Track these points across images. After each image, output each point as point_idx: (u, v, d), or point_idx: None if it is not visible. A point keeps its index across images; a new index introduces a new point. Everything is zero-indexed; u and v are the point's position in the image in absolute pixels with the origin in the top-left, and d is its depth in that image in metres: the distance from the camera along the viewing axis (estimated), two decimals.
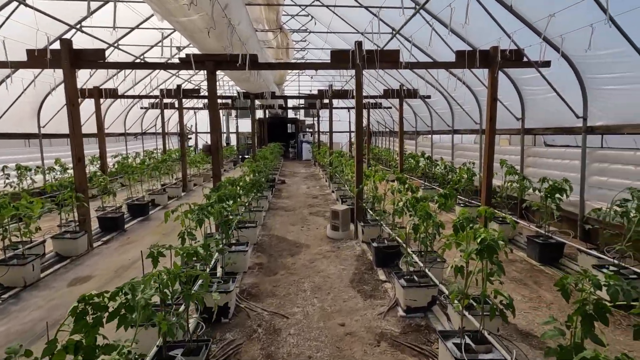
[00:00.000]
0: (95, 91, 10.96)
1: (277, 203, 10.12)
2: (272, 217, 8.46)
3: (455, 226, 3.07)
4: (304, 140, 25.72)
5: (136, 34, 10.02)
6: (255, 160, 11.28)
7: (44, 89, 10.03)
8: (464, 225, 2.97)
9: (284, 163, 22.60)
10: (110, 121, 15.12)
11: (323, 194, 11.64)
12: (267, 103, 16.26)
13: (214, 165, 6.14)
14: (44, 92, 10.18)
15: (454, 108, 11.61)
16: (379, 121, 21.15)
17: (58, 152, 11.42)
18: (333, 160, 11.41)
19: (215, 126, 6.04)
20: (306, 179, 15.09)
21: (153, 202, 9.67)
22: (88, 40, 8.49)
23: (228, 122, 25.89)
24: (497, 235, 2.66)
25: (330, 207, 8.68)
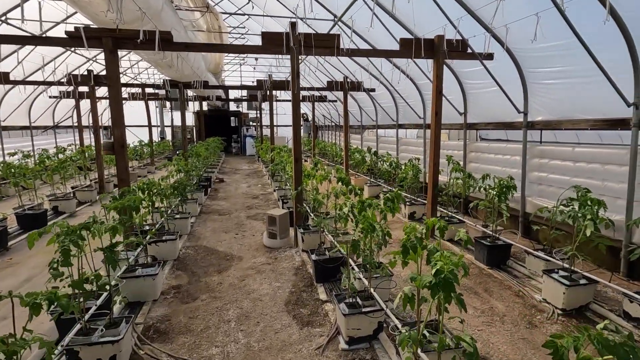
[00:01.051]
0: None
1: (210, 206, 9.05)
2: (202, 224, 7.41)
3: (405, 246, 2.45)
4: (247, 134, 24.39)
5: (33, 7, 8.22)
6: (186, 158, 10.04)
7: None
8: (415, 246, 2.36)
9: (226, 159, 21.20)
10: (7, 112, 12.72)
11: (265, 193, 10.75)
12: (202, 94, 14.84)
13: (119, 168, 4.99)
14: None
15: (398, 102, 11.35)
16: (325, 115, 20.62)
17: None
18: (275, 157, 10.55)
19: (117, 119, 4.89)
20: (248, 177, 14.05)
21: (56, 210, 8.07)
22: None
23: (162, 114, 23.67)
24: (456, 261, 2.08)
25: (268, 211, 7.87)
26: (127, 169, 5.05)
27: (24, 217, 6.82)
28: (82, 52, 11.87)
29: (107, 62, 4.81)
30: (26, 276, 4.97)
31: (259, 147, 17.08)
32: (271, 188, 11.32)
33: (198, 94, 15.19)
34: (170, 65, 7.40)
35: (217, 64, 12.68)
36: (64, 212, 8.11)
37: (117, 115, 4.92)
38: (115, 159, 4.98)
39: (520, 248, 5.12)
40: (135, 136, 22.85)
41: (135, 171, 13.67)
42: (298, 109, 5.63)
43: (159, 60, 7.04)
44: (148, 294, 4.03)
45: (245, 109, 25.83)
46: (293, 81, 5.49)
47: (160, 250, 5.22)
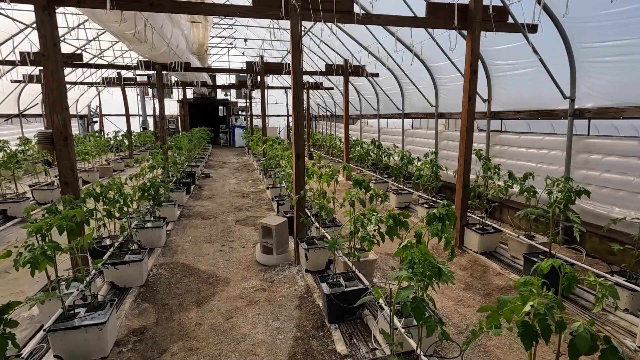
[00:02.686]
0: None
1: (193, 207, 7.78)
2: (181, 232, 6.17)
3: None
4: (237, 124, 22.95)
5: None
6: (166, 151, 8.71)
7: None
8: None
9: (213, 151, 19.79)
10: None
11: (256, 191, 9.52)
12: (185, 79, 13.38)
13: (61, 168, 3.71)
14: None
15: (405, 89, 10.17)
16: (320, 104, 19.33)
17: None
18: (267, 150, 9.31)
19: (58, 102, 3.59)
20: (237, 171, 12.76)
21: (5, 214, 6.72)
22: None
23: (144, 102, 22.04)
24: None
25: (260, 218, 6.67)
26: (74, 169, 3.78)
27: None
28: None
29: (40, 23, 3.49)
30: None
31: (249, 138, 15.75)
32: (263, 185, 10.09)
33: (181, 79, 13.74)
34: (140, 40, 6.04)
35: (201, 44, 11.25)
36: (14, 216, 6.77)
37: (57, 96, 3.62)
38: (56, 156, 3.70)
39: (588, 270, 4.04)
40: (116, 126, 21.25)
41: (110, 165, 12.25)
42: (300, 91, 4.39)
43: (126, 32, 5.67)
44: (93, 350, 2.82)
45: (234, 97, 24.31)
46: (294, 54, 4.25)
47: (121, 275, 3.99)
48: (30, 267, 2.51)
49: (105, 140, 13.43)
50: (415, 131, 10.54)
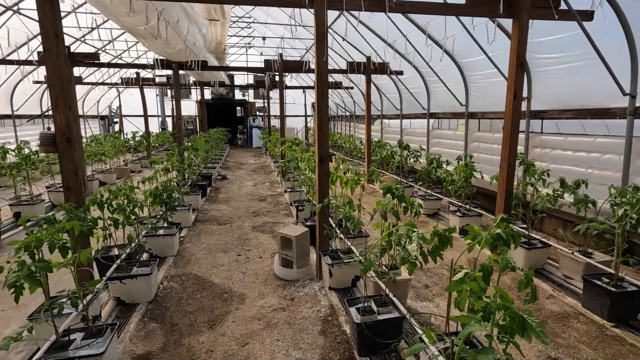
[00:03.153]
0: None
1: (209, 211, 7.45)
2: (196, 238, 5.82)
3: None
4: (254, 125, 22.74)
5: None
6: (181, 153, 8.44)
7: None
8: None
9: (231, 152, 19.61)
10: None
11: (273, 194, 9.13)
12: (203, 78, 13.17)
13: (64, 172, 3.38)
14: None
15: (431, 87, 9.59)
16: (339, 104, 18.84)
17: None
18: (285, 152, 8.91)
19: (60, 99, 3.26)
20: (254, 173, 12.44)
21: (19, 217, 6.55)
22: None
23: (163, 102, 22.13)
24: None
25: (279, 225, 6.25)
26: (78, 173, 3.45)
27: None
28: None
29: (41, 11, 3.17)
30: None
31: (267, 139, 15.43)
32: (281, 188, 9.69)
33: (198, 79, 13.54)
34: (154, 35, 5.73)
35: (218, 43, 10.98)
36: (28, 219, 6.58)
37: (60, 93, 3.29)
38: (59, 159, 3.38)
39: None
40: (135, 127, 21.38)
41: (128, 166, 12.15)
42: (324, 87, 3.94)
43: (138, 27, 5.37)
44: None
45: (252, 97, 24.12)
46: (318, 47, 3.80)
47: (128, 290, 3.64)
48: (14, 291, 2.16)
49: (123, 141, 13.37)
50: (442, 132, 9.92)
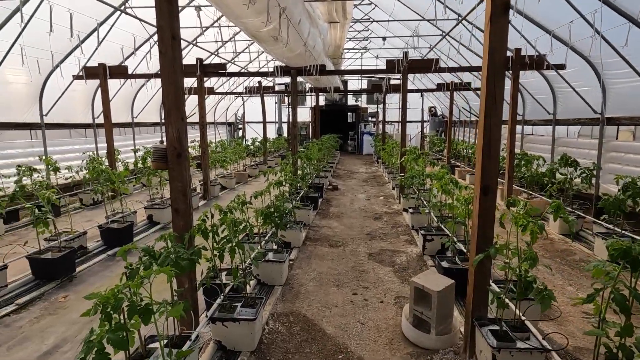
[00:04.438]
0: (101, 69, 8.62)
1: (320, 228, 6.80)
2: (306, 263, 5.16)
3: None
4: (365, 131, 22.01)
5: None
6: (294, 162, 8.06)
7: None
8: None
9: (341, 159, 19.23)
10: (139, 108, 13.07)
11: (389, 211, 8.05)
12: (319, 85, 12.92)
13: (173, 191, 2.98)
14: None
15: (608, 82, 7.15)
16: (463, 107, 16.61)
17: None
18: (406, 165, 7.73)
19: (173, 110, 2.86)
20: (366, 184, 11.55)
21: (151, 219, 7.01)
22: None
23: (280, 110, 23.23)
24: None
25: (399, 253, 5.14)
26: (187, 193, 3.01)
27: (107, 232, 5.71)
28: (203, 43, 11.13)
29: (158, 11, 2.80)
30: (58, 338, 3.42)
31: (380, 147, 14.41)
32: (398, 205, 8.53)
33: (315, 85, 13.39)
34: (275, 37, 5.30)
35: (337, 46, 10.48)
36: (158, 222, 6.99)
37: (173, 103, 2.89)
38: (169, 176, 2.99)
39: None
40: (256, 132, 22.99)
41: (246, 171, 12.67)
42: (498, 80, 2.69)
43: (260, 31, 4.99)
44: None
45: (364, 103, 23.47)
46: (493, 24, 2.59)
47: (230, 334, 3.06)
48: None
49: (244, 147, 14.08)
50: (622, 144, 7.34)
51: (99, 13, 7.61)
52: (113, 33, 8.37)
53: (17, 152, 8.76)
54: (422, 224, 6.28)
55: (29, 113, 8.86)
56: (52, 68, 8.46)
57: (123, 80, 10.98)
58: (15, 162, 8.14)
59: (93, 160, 7.72)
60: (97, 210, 7.93)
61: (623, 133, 8.00)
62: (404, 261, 5.18)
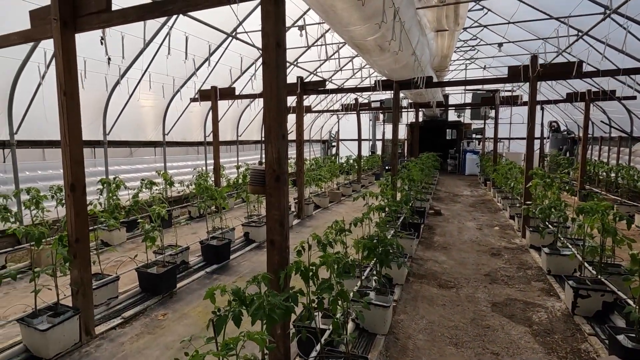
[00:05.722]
0: (213, 91, 9.29)
1: (425, 262, 5.87)
2: (411, 306, 4.34)
3: None
4: (468, 149, 19.94)
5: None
6: (394, 184, 7.31)
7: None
8: None
9: (440, 179, 17.64)
10: (221, 127, 13.78)
11: (510, 246, 6.65)
12: (422, 99, 11.98)
13: (269, 219, 2.57)
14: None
15: None
16: (601, 120, 13.69)
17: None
18: (534, 191, 6.31)
19: (275, 127, 2.47)
20: (473, 210, 10.08)
21: (247, 237, 7.00)
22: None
23: (375, 127, 22.69)
24: None
25: (534, 306, 3.94)
26: (284, 223, 2.58)
27: (207, 248, 5.77)
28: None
29: (264, 16, 2.48)
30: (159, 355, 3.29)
31: (490, 167, 12.65)
32: (522, 240, 7.03)
33: (415, 100, 12.49)
34: (381, 46, 4.76)
35: (444, 56, 9.51)
36: (254, 240, 6.95)
37: (274, 119, 2.52)
38: (266, 202, 2.60)
39: None
40: (349, 150, 22.85)
41: (339, 190, 12.31)
42: None
43: (366, 39, 4.50)
44: None
45: (467, 118, 21.43)
46: None
47: None
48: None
49: (338, 165, 13.82)
50: None
51: (211, 35, 8.02)
52: (223, 56, 8.95)
53: (144, 167, 9.91)
54: (564, 270, 4.89)
55: (155, 132, 10.01)
56: (174, 93, 9.43)
57: (231, 102, 11.81)
58: (142, 175, 9.18)
59: (200, 176, 8.16)
60: (202, 223, 8.36)
61: None
62: (544, 320, 3.96)
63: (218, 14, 6.70)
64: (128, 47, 6.47)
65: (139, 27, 5.68)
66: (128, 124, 9.02)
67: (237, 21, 7.29)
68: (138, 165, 9.74)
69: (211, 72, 9.22)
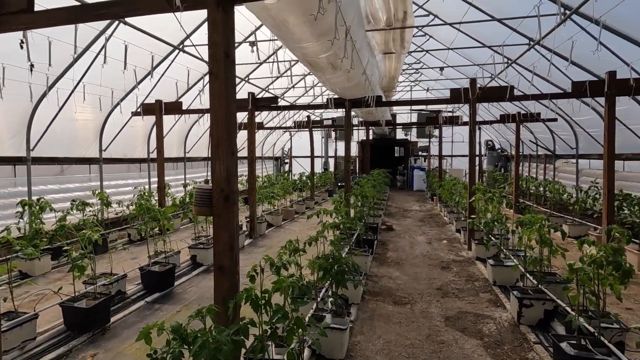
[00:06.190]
0: (157, 105, 8.76)
1: (379, 279, 5.86)
2: (368, 326, 4.24)
3: None
4: (415, 166, 20.93)
5: None
6: (347, 201, 7.33)
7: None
8: None
9: (391, 195, 18.20)
10: (167, 143, 13.06)
11: (458, 259, 6.91)
12: (371, 117, 12.38)
13: (216, 243, 2.35)
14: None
15: None
16: (530, 139, 15.10)
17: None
18: (476, 205, 6.67)
19: (223, 142, 2.29)
20: (423, 224, 10.44)
21: (194, 260, 6.52)
22: None
23: (327, 144, 22.99)
24: None
25: (484, 318, 4.06)
26: (234, 247, 2.37)
27: (148, 275, 5.25)
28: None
29: (211, 24, 2.32)
30: None
31: (436, 183, 13.30)
32: (468, 252, 7.35)
33: (366, 119, 12.88)
34: (334, 64, 4.80)
35: (392, 77, 9.94)
36: (201, 263, 6.49)
37: (223, 133, 2.33)
38: (213, 224, 2.37)
39: None
40: (302, 167, 22.83)
41: (293, 207, 12.13)
42: None
43: (319, 57, 4.51)
44: None
45: (414, 136, 22.56)
46: None
47: None
48: None
49: (292, 182, 13.68)
50: None
51: (154, 46, 7.58)
52: (170, 69, 8.52)
53: (77, 187, 8.95)
54: (508, 281, 5.14)
55: (90, 149, 9.14)
56: (113, 106, 8.74)
57: (178, 116, 11.23)
58: (74, 195, 8.26)
59: (142, 196, 7.55)
60: (143, 247, 7.65)
61: None
62: (494, 332, 4.08)
63: (165, 24, 6.37)
64: (59, 54, 5.87)
65: (71, 33, 5.18)
66: (59, 139, 8.14)
67: (185, 33, 6.98)
68: (70, 184, 8.79)
69: (155, 84, 8.71)
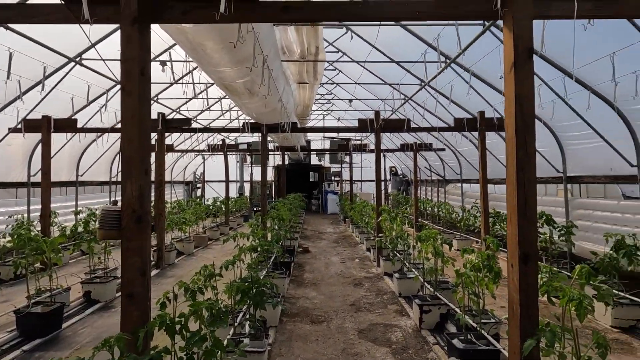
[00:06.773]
0: (45, 121, 7.68)
1: (297, 300, 5.94)
2: (287, 347, 4.25)
3: None
4: (329, 190, 21.91)
5: None
6: (264, 223, 7.34)
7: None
8: None
9: (306, 218, 18.62)
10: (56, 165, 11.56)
11: (369, 276, 7.41)
12: (287, 143, 12.73)
13: (125, 269, 2.19)
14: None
15: (566, 144, 7.56)
16: (425, 167, 17.18)
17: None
18: (383, 225, 7.33)
19: (136, 162, 2.21)
20: (337, 245, 10.92)
21: (89, 297, 5.71)
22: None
23: (242, 169, 22.65)
24: None
25: (393, 327, 4.46)
26: (146, 272, 2.24)
27: (26, 319, 4.43)
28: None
29: (125, 40, 2.27)
30: None
31: (348, 206, 14.12)
32: (377, 268, 7.93)
33: (281, 144, 13.19)
34: (250, 90, 4.95)
35: (305, 105, 10.50)
36: (97, 300, 5.72)
37: (136, 153, 2.24)
38: (122, 248, 2.22)
39: None
40: (216, 192, 21.91)
41: (206, 234, 11.55)
42: (527, 134, 2.40)
43: (236, 82, 4.61)
44: None
45: (327, 162, 23.70)
46: (519, 72, 2.36)
47: None
48: None
49: (205, 207, 13.08)
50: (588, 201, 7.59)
51: (48, 57, 6.75)
52: (63, 82, 7.61)
53: None
54: (411, 291, 5.70)
55: None
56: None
57: (70, 135, 9.94)
58: None
59: (20, 226, 6.44)
60: (20, 286, 6.42)
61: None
62: (400, 338, 4.47)
63: (64, 32, 5.77)
64: None
65: None
66: None
67: (90, 42, 6.36)
68: None
69: (44, 98, 7.64)
